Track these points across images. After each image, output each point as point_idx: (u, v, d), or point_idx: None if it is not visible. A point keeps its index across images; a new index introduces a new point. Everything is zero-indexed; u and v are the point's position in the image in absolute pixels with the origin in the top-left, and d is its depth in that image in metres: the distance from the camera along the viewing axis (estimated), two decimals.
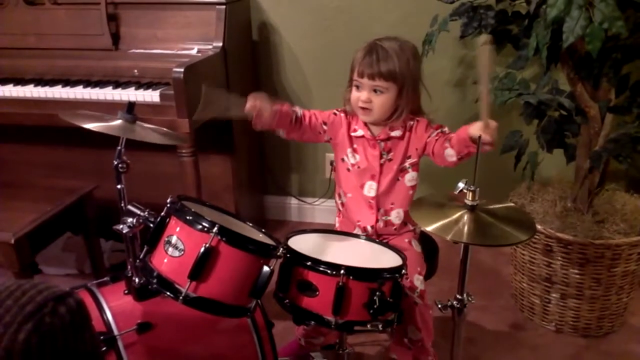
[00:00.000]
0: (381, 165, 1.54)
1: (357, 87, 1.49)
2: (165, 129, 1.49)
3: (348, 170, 1.58)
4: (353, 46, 1.53)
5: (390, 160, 1.54)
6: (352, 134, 1.56)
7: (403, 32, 1.55)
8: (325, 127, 1.57)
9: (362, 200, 1.57)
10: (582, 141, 1.83)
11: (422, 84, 1.55)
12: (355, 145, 1.56)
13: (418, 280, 1.48)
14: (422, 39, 1.90)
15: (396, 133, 1.53)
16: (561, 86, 1.85)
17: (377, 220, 1.56)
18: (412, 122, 1.54)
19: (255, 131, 1.55)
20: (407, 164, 1.55)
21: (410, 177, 1.56)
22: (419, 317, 1.47)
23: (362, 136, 1.55)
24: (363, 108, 1.49)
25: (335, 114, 1.58)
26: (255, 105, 1.39)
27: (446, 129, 1.51)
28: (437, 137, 1.49)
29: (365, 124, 1.55)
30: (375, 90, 1.46)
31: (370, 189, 1.55)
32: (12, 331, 0.79)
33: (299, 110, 1.54)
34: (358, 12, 2.31)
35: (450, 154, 1.45)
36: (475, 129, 1.32)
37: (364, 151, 1.55)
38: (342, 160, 1.59)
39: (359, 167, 1.56)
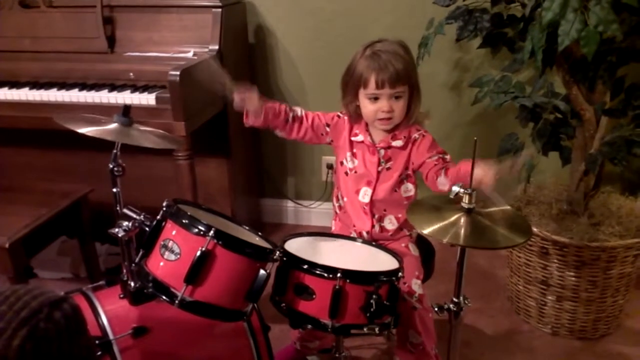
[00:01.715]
0: (378, 173, 1.53)
1: (375, 99, 1.46)
2: (161, 131, 1.49)
3: (346, 174, 1.58)
4: (349, 49, 1.53)
5: (389, 169, 1.53)
6: (353, 138, 1.55)
7: (399, 35, 1.55)
8: (327, 129, 1.57)
9: (358, 205, 1.56)
10: (578, 144, 1.84)
11: None
12: (354, 150, 1.56)
13: (416, 285, 1.48)
14: (418, 42, 1.90)
15: (397, 143, 1.52)
16: (556, 89, 1.86)
17: (372, 226, 1.56)
18: (416, 135, 1.52)
19: (251, 134, 1.56)
20: (404, 175, 1.54)
21: (405, 189, 1.55)
22: (419, 321, 1.46)
23: (362, 142, 1.54)
24: (385, 118, 1.47)
25: (338, 116, 1.58)
26: (243, 96, 1.43)
27: (448, 157, 1.48)
28: (436, 162, 1.46)
29: (367, 129, 1.54)
30: (395, 97, 1.45)
31: (364, 194, 1.55)
32: (6, 337, 0.78)
33: (299, 110, 1.54)
34: (354, 15, 2.32)
35: (443, 183, 1.43)
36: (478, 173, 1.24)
37: (362, 156, 1.55)
38: (341, 163, 1.58)
39: (356, 172, 1.55)
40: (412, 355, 1.52)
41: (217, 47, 2.04)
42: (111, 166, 1.31)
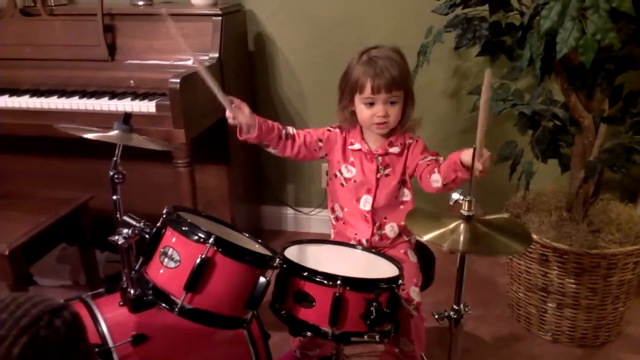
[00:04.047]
0: (377, 180, 1.54)
1: (370, 104, 1.47)
2: (160, 140, 1.49)
3: (342, 185, 1.58)
4: (349, 57, 1.54)
5: (387, 175, 1.54)
6: (349, 147, 1.56)
7: (398, 43, 1.56)
8: (320, 144, 1.58)
9: (358, 214, 1.56)
10: (577, 151, 1.84)
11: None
12: (351, 159, 1.56)
13: (414, 292, 1.47)
14: (417, 50, 1.91)
15: (395, 150, 1.53)
16: (555, 97, 1.87)
17: (372, 234, 1.56)
18: (411, 141, 1.55)
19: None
20: (402, 181, 1.55)
21: (402, 193, 1.56)
22: (413, 329, 1.46)
23: (359, 150, 1.55)
24: (381, 123, 1.48)
25: (329, 130, 1.59)
26: (235, 112, 1.42)
27: (441, 159, 1.50)
28: (429, 163, 1.49)
29: (363, 138, 1.55)
30: (391, 102, 1.47)
31: (365, 202, 1.55)
32: (6, 345, 0.78)
33: (291, 129, 1.56)
34: (353, 23, 2.33)
35: (436, 179, 1.44)
36: (467, 154, 1.30)
37: (360, 165, 1.55)
38: (335, 175, 1.59)
39: (354, 181, 1.56)
40: None
41: (217, 54, 2.05)
42: (111, 173, 1.31)
